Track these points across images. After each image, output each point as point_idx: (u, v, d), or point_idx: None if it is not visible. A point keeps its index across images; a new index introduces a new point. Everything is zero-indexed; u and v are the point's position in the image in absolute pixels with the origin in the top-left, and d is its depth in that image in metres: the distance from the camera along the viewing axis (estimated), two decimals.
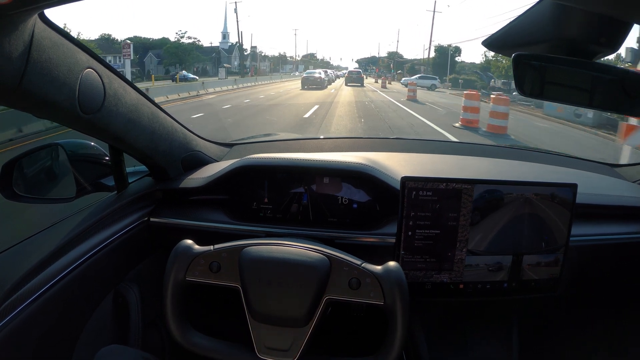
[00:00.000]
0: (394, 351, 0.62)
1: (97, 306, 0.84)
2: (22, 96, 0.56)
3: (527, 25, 0.65)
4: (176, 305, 0.65)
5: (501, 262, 0.85)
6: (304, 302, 0.62)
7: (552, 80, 0.64)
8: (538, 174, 1.16)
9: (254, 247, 0.66)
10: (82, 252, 0.78)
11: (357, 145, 1.41)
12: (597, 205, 1.02)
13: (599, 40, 0.58)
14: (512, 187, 0.83)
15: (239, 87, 23.59)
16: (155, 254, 1.02)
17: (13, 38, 0.51)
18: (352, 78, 29.50)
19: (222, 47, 53.31)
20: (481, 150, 1.44)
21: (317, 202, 0.99)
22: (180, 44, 41.97)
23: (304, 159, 0.97)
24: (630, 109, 0.66)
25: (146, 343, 0.96)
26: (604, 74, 0.64)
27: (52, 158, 0.91)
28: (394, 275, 0.63)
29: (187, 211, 1.00)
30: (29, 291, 0.67)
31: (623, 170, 1.28)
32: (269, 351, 0.63)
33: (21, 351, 0.66)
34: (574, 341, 1.17)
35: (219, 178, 0.99)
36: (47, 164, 0.92)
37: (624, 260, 1.05)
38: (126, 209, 0.93)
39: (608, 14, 0.53)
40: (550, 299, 0.89)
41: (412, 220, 0.81)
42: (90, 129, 0.75)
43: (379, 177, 0.94)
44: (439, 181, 0.81)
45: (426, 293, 0.85)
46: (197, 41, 45.38)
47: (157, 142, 0.92)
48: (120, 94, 0.77)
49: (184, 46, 41.96)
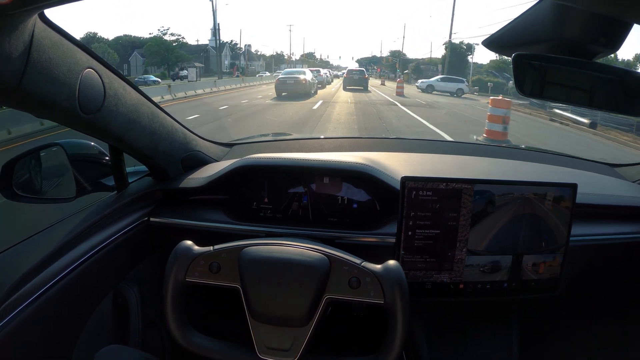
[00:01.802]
0: (394, 350, 0.61)
1: (97, 306, 0.84)
2: (22, 96, 0.56)
3: (527, 25, 0.65)
4: (176, 306, 0.65)
5: (501, 262, 0.85)
6: (304, 302, 0.62)
7: (552, 80, 0.65)
8: (538, 174, 1.16)
9: (253, 247, 0.66)
10: (82, 252, 0.78)
11: (357, 145, 1.41)
12: (597, 205, 1.02)
13: (599, 40, 0.58)
14: (512, 187, 0.83)
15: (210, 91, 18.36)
16: (155, 254, 1.02)
17: (13, 38, 0.51)
18: (352, 80, 21.97)
19: (212, 45, 49.18)
20: (481, 150, 1.44)
21: (317, 202, 0.99)
22: (162, 42, 37.68)
23: (304, 158, 0.97)
24: (630, 109, 0.66)
25: (146, 343, 0.96)
26: (604, 74, 0.64)
27: (52, 158, 0.91)
28: (394, 274, 0.63)
29: (187, 211, 1.00)
30: (28, 291, 0.67)
31: (623, 170, 1.28)
32: (270, 351, 0.63)
33: (21, 351, 0.66)
34: (574, 341, 1.17)
35: (219, 178, 0.99)
36: (47, 164, 0.92)
37: (624, 260, 1.05)
38: (126, 209, 0.93)
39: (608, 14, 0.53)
40: (550, 299, 0.89)
41: (412, 220, 0.82)
42: (90, 129, 0.75)
43: (379, 177, 0.94)
44: (439, 181, 0.81)
45: (426, 293, 0.85)
46: (181, 38, 40.74)
47: (157, 142, 0.92)
48: (120, 94, 0.77)
49: (167, 44, 37.68)
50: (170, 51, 37.36)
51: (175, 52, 37.98)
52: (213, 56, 47.70)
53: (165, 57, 37.14)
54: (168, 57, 37.17)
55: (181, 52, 38.69)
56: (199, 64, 41.36)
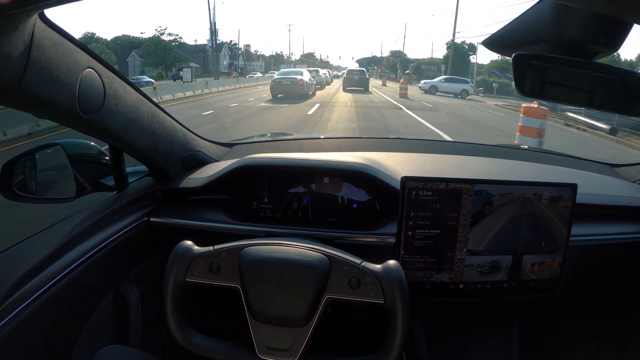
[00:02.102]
0: (394, 350, 0.61)
1: (97, 306, 0.84)
2: (22, 96, 0.56)
3: (527, 25, 0.65)
4: (176, 306, 0.65)
5: (501, 262, 0.85)
6: (304, 302, 0.62)
7: (552, 80, 0.65)
8: (538, 174, 1.16)
9: (253, 247, 0.66)
10: (82, 252, 0.78)
11: (357, 145, 1.41)
12: (597, 205, 1.02)
13: (599, 40, 0.58)
14: (512, 187, 0.83)
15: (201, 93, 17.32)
16: (155, 254, 1.02)
17: (13, 38, 0.51)
18: (352, 81, 21.30)
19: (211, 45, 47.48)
20: (481, 150, 1.44)
21: (317, 202, 0.99)
22: (160, 41, 37.21)
23: (304, 158, 0.97)
24: (630, 109, 0.66)
25: (146, 343, 0.96)
26: (604, 74, 0.64)
27: (52, 158, 0.91)
28: (394, 274, 0.63)
29: (187, 211, 1.00)
30: (28, 291, 0.67)
31: (623, 170, 1.28)
32: (270, 351, 0.63)
33: (21, 351, 0.66)
34: (574, 341, 1.17)
35: (219, 178, 0.99)
36: (47, 164, 0.92)
37: (624, 260, 1.05)
38: (126, 208, 0.93)
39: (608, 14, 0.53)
40: (550, 299, 0.89)
41: (412, 220, 0.82)
42: (90, 129, 0.75)
43: (379, 177, 0.94)
44: (439, 181, 0.81)
45: (426, 293, 0.85)
46: (179, 38, 40.30)
47: (157, 142, 0.92)
48: (120, 94, 0.77)
49: (164, 44, 37.20)
50: (168, 51, 36.91)
51: (173, 52, 37.54)
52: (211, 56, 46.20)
53: (163, 57, 36.65)
54: (165, 58, 36.66)
55: (179, 52, 38.25)
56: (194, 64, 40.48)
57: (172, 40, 38.95)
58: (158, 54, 36.48)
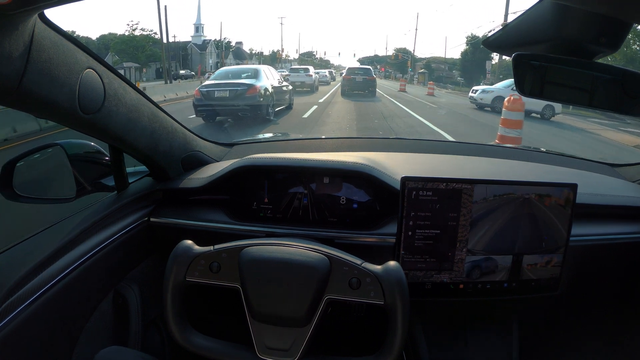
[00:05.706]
0: (394, 351, 0.61)
1: (97, 306, 0.84)
2: (22, 96, 0.56)
3: (527, 25, 0.65)
4: (176, 306, 0.65)
5: (501, 262, 0.85)
6: (304, 302, 0.62)
7: (552, 80, 0.65)
8: (538, 174, 1.16)
9: (254, 247, 0.66)
10: (82, 252, 0.78)
11: (357, 145, 1.41)
12: (597, 205, 1.02)
13: (599, 40, 0.58)
14: (512, 187, 0.83)
15: None
16: (155, 254, 1.02)
17: (13, 38, 0.51)
18: (353, 83, 15.33)
19: (195, 41, 44.96)
20: (481, 150, 1.44)
21: (317, 202, 0.99)
22: (132, 38, 32.68)
23: (304, 159, 0.97)
24: (630, 109, 0.66)
25: (146, 343, 0.96)
26: (604, 74, 0.64)
27: (52, 158, 0.91)
28: (394, 274, 0.63)
29: (187, 211, 1.00)
30: (29, 291, 0.67)
31: (623, 170, 1.28)
32: (270, 351, 0.63)
33: (21, 351, 0.66)
34: (574, 341, 1.17)
35: (219, 178, 0.99)
36: (47, 164, 0.92)
37: (624, 260, 1.05)
38: (126, 209, 0.93)
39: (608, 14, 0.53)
40: (550, 298, 0.89)
41: (412, 220, 0.82)
42: (90, 129, 0.75)
43: (379, 177, 0.94)
44: (439, 181, 0.81)
45: (426, 293, 0.85)
46: (153, 34, 33.91)
47: (157, 142, 0.92)
48: (120, 94, 0.77)
49: (136, 40, 32.44)
50: (141, 49, 32.16)
51: (147, 50, 32.52)
52: (196, 54, 43.28)
53: (135, 55, 31.88)
54: (138, 56, 31.89)
55: (155, 50, 32.05)
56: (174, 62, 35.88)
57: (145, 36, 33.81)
58: (129, 52, 31.71)
